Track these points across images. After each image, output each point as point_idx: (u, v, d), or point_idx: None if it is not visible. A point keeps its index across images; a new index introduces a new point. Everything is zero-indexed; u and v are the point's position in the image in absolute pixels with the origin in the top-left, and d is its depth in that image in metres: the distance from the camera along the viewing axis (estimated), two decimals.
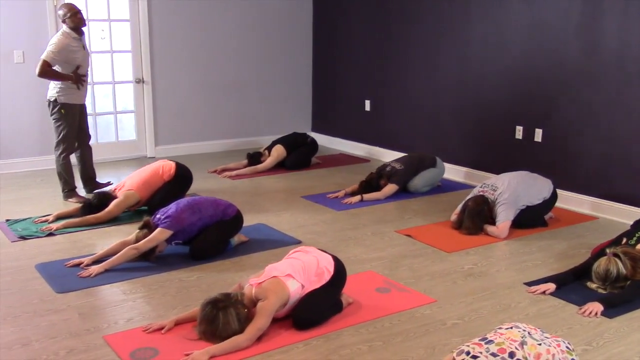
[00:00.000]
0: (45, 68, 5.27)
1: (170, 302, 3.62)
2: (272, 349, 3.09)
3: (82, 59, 5.46)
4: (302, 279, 3.34)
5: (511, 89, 6.04)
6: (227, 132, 7.97)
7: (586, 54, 5.40)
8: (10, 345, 3.09)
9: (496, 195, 4.89)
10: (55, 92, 5.43)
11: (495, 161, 6.24)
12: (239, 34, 7.76)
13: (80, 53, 5.43)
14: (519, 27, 5.89)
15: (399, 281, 3.96)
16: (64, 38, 5.34)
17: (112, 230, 4.86)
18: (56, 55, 5.28)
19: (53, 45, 5.31)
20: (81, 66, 5.45)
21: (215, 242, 4.34)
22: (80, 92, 5.53)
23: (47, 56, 5.27)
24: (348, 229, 4.99)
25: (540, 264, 4.30)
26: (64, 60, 5.33)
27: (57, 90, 5.42)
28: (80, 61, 5.43)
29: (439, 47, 6.70)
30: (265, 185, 6.35)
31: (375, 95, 7.59)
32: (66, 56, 5.33)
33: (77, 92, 5.49)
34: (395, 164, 6.01)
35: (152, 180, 5.24)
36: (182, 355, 2.98)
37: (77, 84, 5.43)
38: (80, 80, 5.45)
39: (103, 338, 3.18)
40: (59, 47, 5.29)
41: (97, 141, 7.17)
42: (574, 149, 5.59)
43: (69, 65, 5.38)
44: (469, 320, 3.46)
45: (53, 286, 3.79)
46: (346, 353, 3.09)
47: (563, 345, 2.48)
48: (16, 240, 4.59)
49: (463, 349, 2.41)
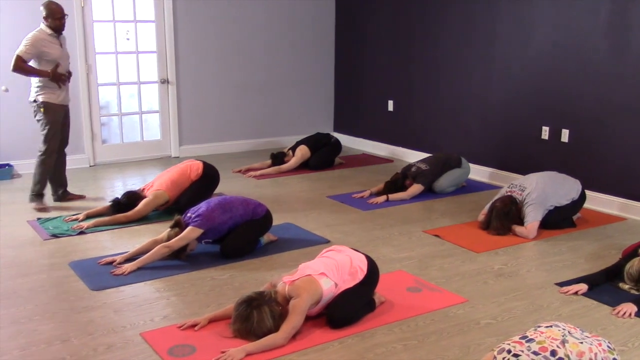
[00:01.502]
0: (19, 63, 5.12)
1: (204, 300, 3.65)
2: (307, 347, 3.11)
3: (59, 56, 5.28)
4: (336, 277, 3.36)
5: (537, 89, 6.02)
6: (250, 132, 8.02)
7: (615, 53, 5.37)
8: (50, 341, 3.14)
9: (524, 196, 4.88)
10: (35, 93, 5.31)
11: (520, 162, 6.23)
12: (262, 35, 7.81)
13: (55, 49, 5.24)
14: (545, 26, 5.87)
15: (430, 281, 3.97)
16: (38, 33, 5.20)
17: (142, 229, 4.90)
18: (29, 49, 5.13)
19: (26, 40, 5.16)
20: (60, 64, 5.28)
21: (245, 241, 4.37)
22: (62, 92, 5.37)
23: (20, 51, 5.12)
24: (375, 229, 5.00)
25: (570, 265, 4.29)
26: (38, 54, 5.16)
27: (37, 90, 5.29)
28: (57, 58, 5.25)
29: (463, 46, 6.70)
30: (290, 185, 6.38)
31: (398, 95, 7.59)
32: (39, 50, 5.15)
33: (58, 92, 5.32)
34: (421, 164, 6.01)
35: (180, 180, 5.29)
36: (219, 352, 3.00)
37: (58, 82, 5.27)
38: (60, 78, 5.28)
39: (140, 335, 3.21)
40: (32, 41, 5.14)
41: (123, 141, 7.27)
42: (601, 150, 5.56)
43: (45, 62, 5.21)
44: (502, 320, 3.46)
45: (88, 284, 3.83)
46: (381, 352, 3.10)
47: (604, 344, 2.47)
48: (48, 239, 4.65)
49: (504, 348, 2.41)
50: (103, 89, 7.03)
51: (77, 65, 6.66)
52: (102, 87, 7.00)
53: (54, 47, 5.25)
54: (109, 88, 7.10)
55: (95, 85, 6.91)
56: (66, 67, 5.41)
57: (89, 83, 6.84)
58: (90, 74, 6.84)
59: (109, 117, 7.19)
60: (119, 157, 7.20)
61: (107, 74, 7.04)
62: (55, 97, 5.33)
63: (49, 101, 5.30)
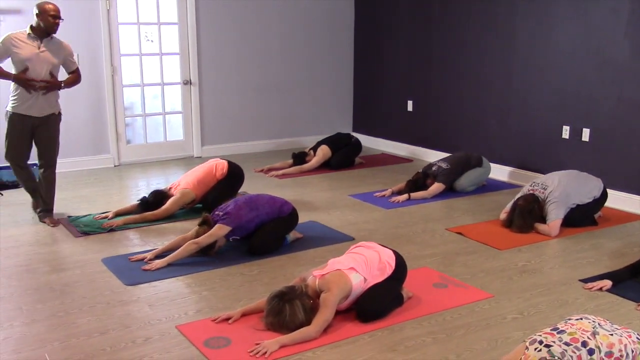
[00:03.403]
0: None
1: (235, 295, 3.74)
2: (339, 339, 3.20)
3: (29, 58, 4.71)
4: (365, 272, 3.43)
5: (557, 88, 6.06)
6: (270, 133, 8.12)
7: (635, 53, 5.40)
8: (89, 333, 3.25)
9: (547, 194, 4.93)
10: (8, 102, 4.89)
11: (541, 161, 6.27)
12: (283, 36, 7.91)
13: (27, 50, 4.71)
14: (565, 25, 5.91)
15: (455, 277, 4.04)
16: (13, 32, 4.78)
17: (169, 227, 5.01)
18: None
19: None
20: (29, 68, 4.71)
21: (272, 239, 4.46)
22: (33, 102, 4.80)
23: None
24: (399, 227, 5.07)
25: (593, 262, 4.34)
26: (7, 54, 4.71)
27: (9, 99, 4.86)
28: (25, 59, 4.70)
29: (483, 46, 6.75)
30: (312, 185, 6.46)
31: (417, 95, 7.66)
32: (9, 49, 4.70)
33: (29, 101, 4.78)
34: (442, 163, 6.08)
35: (206, 179, 5.39)
36: (254, 344, 3.09)
37: (26, 88, 4.74)
38: (26, 84, 4.73)
39: (176, 327, 3.31)
40: (2, 40, 4.73)
41: (147, 141, 7.39)
42: (621, 148, 5.60)
43: (20, 64, 4.72)
44: (529, 315, 3.52)
45: (122, 279, 3.94)
46: (412, 344, 3.17)
47: (634, 335, 2.53)
48: (80, 236, 4.76)
49: (536, 339, 2.48)
50: (127, 90, 7.15)
51: (102, 67, 6.81)
52: (126, 88, 7.12)
53: (27, 49, 4.72)
54: (133, 89, 7.22)
55: (120, 87, 7.03)
56: (41, 73, 4.78)
57: (114, 84, 6.96)
58: (116, 75, 6.96)
59: (133, 118, 7.31)
60: (142, 157, 7.32)
61: (132, 75, 7.17)
62: (21, 106, 4.80)
63: (12, 110, 4.82)
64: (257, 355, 3.01)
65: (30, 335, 3.23)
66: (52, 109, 4.95)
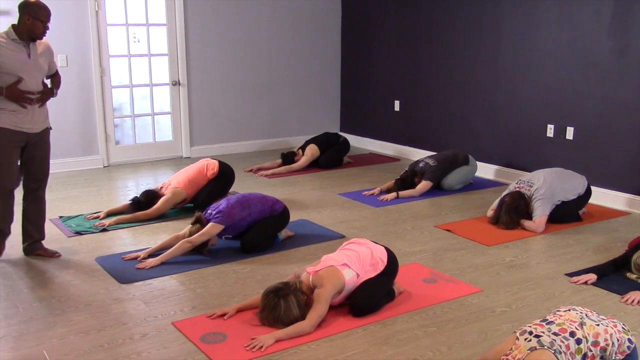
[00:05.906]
0: None
1: (229, 292, 3.80)
2: (333, 333, 3.27)
3: (20, 68, 3.99)
4: (358, 268, 3.51)
5: (542, 87, 6.18)
6: (259, 133, 8.18)
7: (618, 53, 5.53)
8: (87, 331, 3.29)
9: (532, 191, 5.04)
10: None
11: (526, 159, 6.39)
12: (271, 37, 7.97)
13: (13, 58, 3.97)
14: (551, 26, 6.03)
15: (444, 272, 4.12)
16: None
17: (161, 226, 5.05)
18: None
19: None
20: (23, 80, 3.99)
21: (264, 237, 4.52)
22: (26, 116, 4.07)
23: None
24: (388, 224, 5.15)
25: (578, 256, 4.45)
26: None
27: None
28: (14, 70, 3.97)
29: (469, 46, 6.86)
30: (302, 184, 6.53)
31: (404, 95, 7.75)
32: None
33: (21, 115, 4.04)
34: (429, 159, 6.16)
35: (197, 178, 5.45)
36: (250, 339, 3.15)
37: (19, 103, 4.00)
38: (19, 97, 3.99)
39: (172, 324, 3.36)
40: None
41: (136, 142, 7.41)
42: (605, 146, 5.72)
43: (5, 75, 3.95)
44: (517, 309, 3.61)
45: (116, 277, 3.98)
46: (404, 337, 3.25)
47: (619, 325, 2.63)
48: (72, 236, 4.79)
49: (526, 330, 2.57)
50: (116, 91, 7.18)
51: (91, 68, 6.84)
52: (115, 89, 7.14)
53: (14, 57, 3.98)
54: (122, 90, 7.25)
55: (109, 88, 7.05)
56: (35, 85, 4.10)
57: (103, 85, 6.98)
58: (104, 76, 6.98)
59: (122, 119, 7.33)
60: (132, 157, 7.35)
61: (121, 76, 7.19)
62: (10, 120, 4.02)
63: (2, 126, 4.02)
64: (253, 350, 3.08)
65: (28, 333, 3.26)
66: (46, 122, 4.29)
